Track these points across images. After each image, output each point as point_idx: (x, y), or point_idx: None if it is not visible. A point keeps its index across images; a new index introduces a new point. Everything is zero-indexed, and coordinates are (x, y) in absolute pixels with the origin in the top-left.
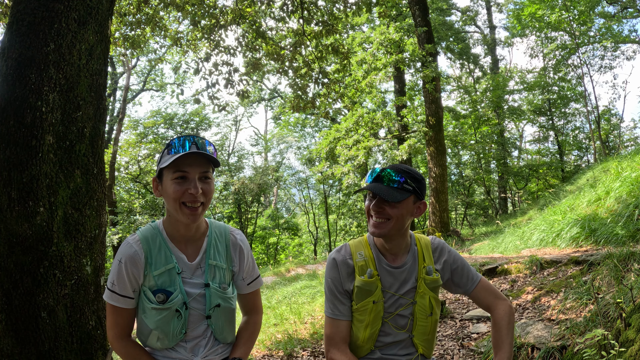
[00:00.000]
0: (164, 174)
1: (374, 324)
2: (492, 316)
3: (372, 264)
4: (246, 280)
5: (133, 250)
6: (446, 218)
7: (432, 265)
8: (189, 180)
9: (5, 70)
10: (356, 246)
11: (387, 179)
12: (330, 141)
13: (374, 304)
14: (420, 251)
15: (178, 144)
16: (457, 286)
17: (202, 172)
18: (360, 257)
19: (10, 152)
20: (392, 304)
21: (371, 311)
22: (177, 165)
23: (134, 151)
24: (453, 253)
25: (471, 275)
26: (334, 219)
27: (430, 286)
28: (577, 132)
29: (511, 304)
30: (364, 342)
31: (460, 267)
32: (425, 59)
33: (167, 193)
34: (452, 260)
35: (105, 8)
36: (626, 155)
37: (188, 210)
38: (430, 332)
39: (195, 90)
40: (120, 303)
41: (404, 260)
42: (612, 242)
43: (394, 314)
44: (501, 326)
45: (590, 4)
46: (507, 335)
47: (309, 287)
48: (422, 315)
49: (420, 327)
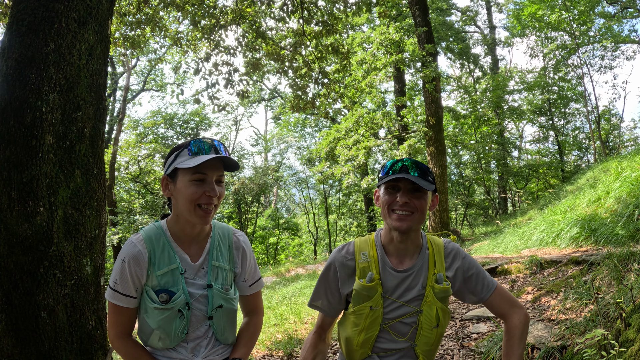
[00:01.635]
0: (179, 174)
1: (369, 329)
2: (506, 324)
3: (374, 267)
4: (248, 282)
5: (137, 249)
6: (446, 218)
7: (443, 273)
8: (207, 182)
9: (5, 70)
10: (361, 245)
11: (413, 168)
12: (330, 141)
13: (370, 309)
14: (432, 255)
15: (199, 146)
16: (472, 294)
17: (219, 175)
18: (364, 257)
19: (10, 152)
20: (393, 311)
21: (367, 317)
22: (198, 167)
23: (134, 151)
24: (468, 259)
25: (486, 283)
26: (334, 219)
27: (439, 296)
28: (577, 132)
29: (527, 313)
30: (357, 347)
31: (476, 274)
32: (425, 59)
33: (182, 194)
34: (466, 267)
35: (105, 8)
36: (626, 155)
37: (202, 211)
38: (434, 344)
39: (195, 90)
40: (122, 302)
41: (411, 264)
42: (612, 242)
43: (394, 320)
44: (513, 335)
45: (590, 4)
46: (519, 346)
47: (309, 287)
48: (427, 325)
49: (424, 338)
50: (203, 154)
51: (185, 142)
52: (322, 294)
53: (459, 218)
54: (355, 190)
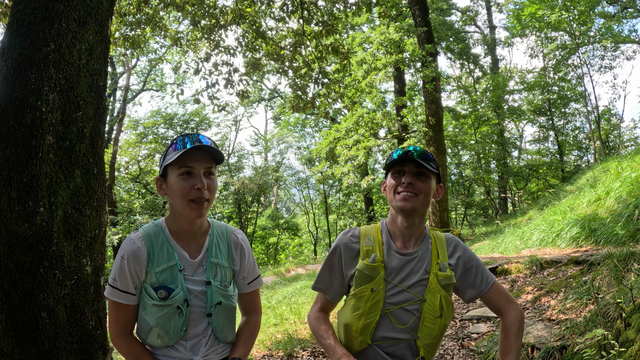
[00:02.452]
0: (168, 172)
1: (369, 314)
2: (502, 320)
3: (379, 249)
4: (247, 280)
5: (136, 246)
6: (446, 218)
7: (446, 262)
8: (195, 175)
9: (5, 70)
10: (367, 231)
11: (417, 153)
12: (330, 141)
13: (372, 291)
14: (435, 246)
15: (182, 141)
16: (471, 287)
17: (207, 167)
18: (369, 241)
19: (10, 152)
20: (395, 295)
21: (368, 299)
22: (183, 160)
23: (134, 151)
24: (468, 252)
25: (485, 276)
26: (334, 219)
27: (443, 283)
28: (577, 132)
29: (522, 309)
30: (357, 333)
31: (476, 266)
32: (425, 59)
33: (174, 190)
34: (467, 259)
35: (105, 8)
36: (626, 155)
37: (195, 205)
38: (437, 337)
39: (195, 90)
40: (121, 299)
41: (415, 248)
42: (612, 242)
43: (396, 307)
44: (510, 331)
45: (590, 4)
46: (516, 341)
47: (309, 287)
48: (430, 315)
49: (426, 329)
50: (187, 147)
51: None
52: (327, 275)
53: (459, 218)
54: (355, 190)
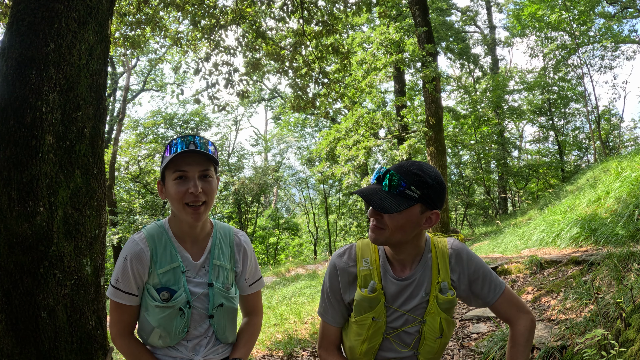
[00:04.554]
0: (166, 176)
1: (372, 339)
2: (511, 329)
3: (376, 275)
4: (248, 281)
5: (139, 247)
6: (446, 218)
7: (448, 281)
8: (189, 179)
9: (5, 70)
10: (363, 250)
11: (388, 182)
12: (330, 141)
13: (373, 320)
14: (435, 261)
15: (176, 145)
16: (477, 297)
17: (202, 170)
18: (366, 265)
19: (10, 152)
20: (396, 320)
21: (370, 327)
22: (176, 164)
23: (134, 151)
24: (474, 261)
25: (493, 286)
26: (334, 219)
27: (443, 307)
28: (577, 132)
29: (534, 318)
30: (361, 356)
31: (482, 277)
32: (425, 59)
33: (170, 194)
34: (472, 270)
35: (105, 8)
36: (626, 155)
37: (191, 209)
38: (438, 352)
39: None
40: (124, 300)
41: (411, 272)
42: (612, 242)
43: (398, 330)
44: (518, 342)
45: (590, 4)
46: (524, 352)
47: (309, 287)
48: (431, 335)
49: (427, 347)
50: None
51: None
52: (331, 304)
53: (459, 218)
54: (351, 191)
